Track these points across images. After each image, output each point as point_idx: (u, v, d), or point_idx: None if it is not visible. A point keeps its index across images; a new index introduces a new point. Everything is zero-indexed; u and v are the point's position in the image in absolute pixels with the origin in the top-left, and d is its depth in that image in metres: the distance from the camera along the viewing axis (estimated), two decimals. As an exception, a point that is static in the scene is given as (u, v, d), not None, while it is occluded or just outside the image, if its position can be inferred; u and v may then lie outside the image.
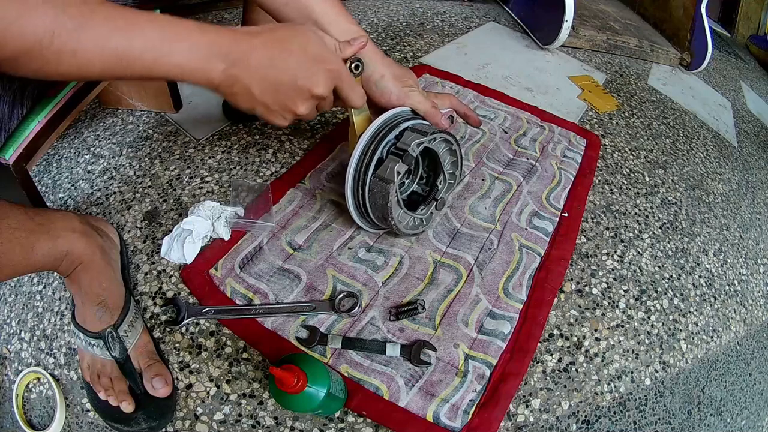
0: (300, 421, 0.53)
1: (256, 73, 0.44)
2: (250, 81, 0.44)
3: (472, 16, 1.46)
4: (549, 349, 0.63)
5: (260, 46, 0.44)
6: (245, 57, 0.43)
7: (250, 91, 0.45)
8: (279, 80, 0.45)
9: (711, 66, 1.55)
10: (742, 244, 0.92)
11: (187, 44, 0.40)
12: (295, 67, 0.46)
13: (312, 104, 0.49)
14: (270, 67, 0.44)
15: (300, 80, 0.46)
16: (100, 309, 0.53)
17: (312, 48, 0.47)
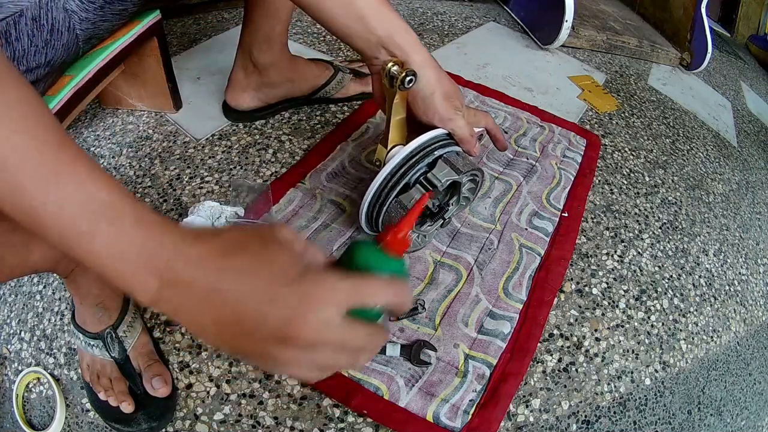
0: (300, 421, 0.53)
1: (204, 300, 0.28)
2: (196, 312, 0.29)
3: (472, 16, 1.46)
4: (549, 349, 0.63)
5: (208, 256, 0.29)
6: (187, 274, 0.28)
7: (201, 328, 0.29)
8: (239, 312, 0.28)
9: (711, 66, 1.55)
10: (742, 244, 0.92)
11: (115, 234, 0.27)
12: (262, 290, 0.29)
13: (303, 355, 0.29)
14: (222, 291, 0.28)
15: (272, 314, 0.28)
16: (99, 309, 0.53)
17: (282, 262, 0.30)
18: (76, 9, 0.53)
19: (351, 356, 0.32)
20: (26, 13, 0.48)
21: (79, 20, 0.54)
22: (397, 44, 0.53)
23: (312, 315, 0.28)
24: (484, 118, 0.64)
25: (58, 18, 0.51)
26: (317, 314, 0.28)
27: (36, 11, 0.49)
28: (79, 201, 0.26)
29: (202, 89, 0.94)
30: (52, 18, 0.51)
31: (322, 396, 0.55)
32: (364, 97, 0.95)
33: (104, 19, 0.58)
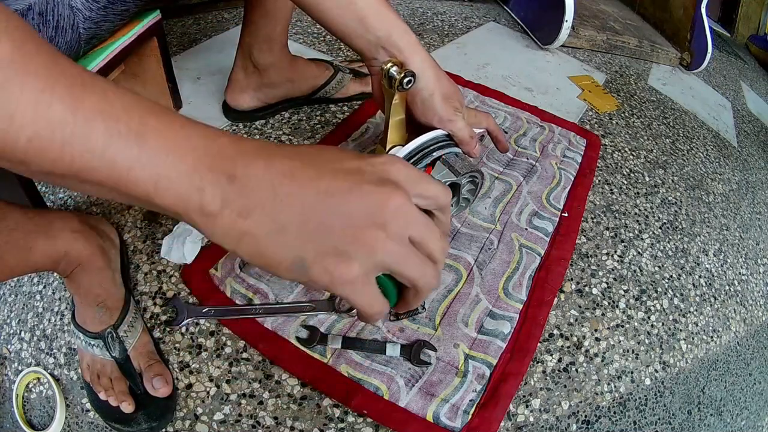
0: (300, 421, 0.53)
1: (283, 197, 0.27)
2: (274, 210, 0.27)
3: (472, 16, 1.46)
4: (549, 349, 0.63)
5: (277, 152, 0.29)
6: (259, 167, 0.27)
7: (277, 226, 0.27)
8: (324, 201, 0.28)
9: (711, 66, 1.55)
10: (742, 244, 0.92)
11: (165, 143, 0.26)
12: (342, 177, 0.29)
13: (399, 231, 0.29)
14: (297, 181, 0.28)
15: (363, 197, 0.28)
16: (100, 309, 0.53)
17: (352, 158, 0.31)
18: (81, 7, 0.53)
19: (440, 237, 0.32)
20: (34, 7, 0.48)
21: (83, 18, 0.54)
22: (396, 45, 0.53)
23: (398, 192, 0.29)
24: (485, 119, 0.64)
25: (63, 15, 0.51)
26: (401, 191, 0.29)
27: (43, 6, 0.49)
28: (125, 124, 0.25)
29: (202, 89, 0.94)
30: (58, 14, 0.51)
31: (322, 396, 0.55)
32: (364, 97, 0.95)
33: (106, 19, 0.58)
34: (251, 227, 0.27)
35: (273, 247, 0.28)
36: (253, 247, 0.28)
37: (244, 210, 0.27)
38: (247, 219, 0.27)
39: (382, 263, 0.29)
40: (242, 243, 0.28)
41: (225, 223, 0.27)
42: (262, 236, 0.27)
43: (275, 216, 0.27)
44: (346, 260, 0.28)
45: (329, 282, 0.28)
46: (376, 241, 0.28)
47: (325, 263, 0.28)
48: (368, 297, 0.30)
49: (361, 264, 0.28)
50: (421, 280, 0.31)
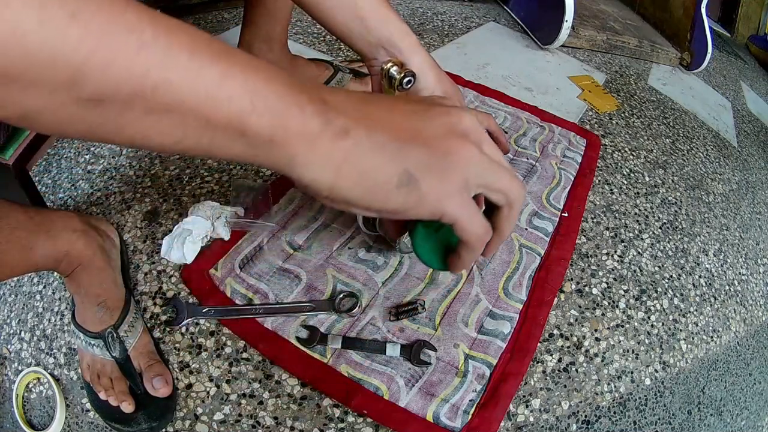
0: (300, 421, 0.53)
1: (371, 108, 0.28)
2: (366, 125, 0.27)
3: (472, 16, 1.46)
4: (549, 349, 0.63)
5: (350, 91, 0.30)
6: (341, 92, 0.28)
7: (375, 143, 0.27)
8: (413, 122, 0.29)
9: (711, 66, 1.55)
10: (742, 244, 0.92)
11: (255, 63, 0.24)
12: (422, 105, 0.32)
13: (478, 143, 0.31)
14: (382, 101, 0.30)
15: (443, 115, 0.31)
16: (101, 309, 0.53)
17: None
18: None
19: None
20: None
21: None
22: (396, 45, 0.53)
23: (466, 111, 0.31)
24: (486, 120, 0.64)
25: None
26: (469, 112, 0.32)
27: None
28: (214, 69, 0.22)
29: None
30: None
31: (322, 396, 0.55)
32: (364, 97, 0.95)
33: None
34: (351, 147, 0.26)
35: (377, 163, 0.27)
36: (357, 170, 0.26)
37: (342, 130, 0.26)
38: (346, 139, 0.26)
39: (476, 175, 0.30)
40: (344, 167, 0.26)
41: (325, 146, 0.25)
42: (364, 154, 0.26)
43: (371, 134, 0.26)
44: (448, 169, 0.28)
45: (437, 196, 0.28)
46: (464, 149, 0.29)
47: (431, 175, 0.28)
48: (471, 212, 0.31)
49: (459, 176, 0.29)
50: (513, 188, 0.32)
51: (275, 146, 0.24)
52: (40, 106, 0.20)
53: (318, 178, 0.26)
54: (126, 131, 0.22)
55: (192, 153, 0.25)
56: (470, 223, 0.30)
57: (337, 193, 0.27)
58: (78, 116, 0.21)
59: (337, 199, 0.28)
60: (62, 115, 0.21)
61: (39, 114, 0.21)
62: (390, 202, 0.28)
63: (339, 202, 0.28)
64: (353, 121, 0.26)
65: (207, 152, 0.24)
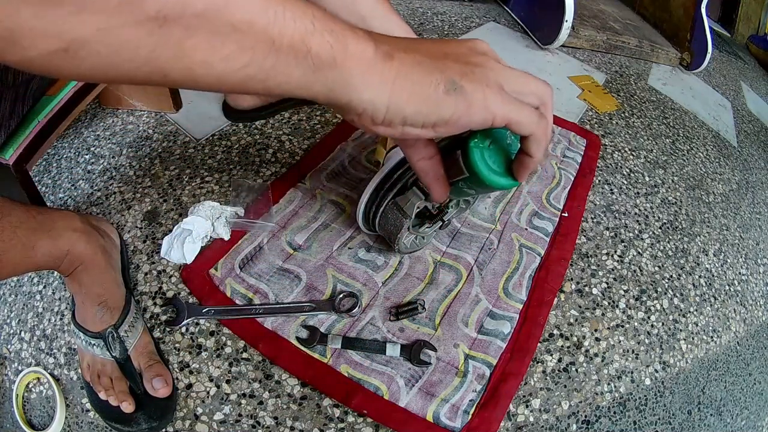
0: (300, 421, 0.53)
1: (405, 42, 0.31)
2: (405, 48, 0.30)
3: (472, 16, 1.46)
4: (549, 349, 0.63)
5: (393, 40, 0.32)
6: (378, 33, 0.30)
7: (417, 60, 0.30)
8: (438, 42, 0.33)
9: (711, 66, 1.55)
10: (742, 244, 0.92)
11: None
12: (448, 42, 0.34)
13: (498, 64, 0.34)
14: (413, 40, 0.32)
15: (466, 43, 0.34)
16: (101, 309, 0.53)
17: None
18: None
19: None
20: None
21: None
22: None
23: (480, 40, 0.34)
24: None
25: None
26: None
27: None
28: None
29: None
30: None
31: (322, 396, 0.55)
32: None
33: None
34: (399, 66, 0.29)
35: (423, 74, 0.29)
36: (408, 84, 0.29)
37: (388, 54, 0.28)
38: (393, 60, 0.28)
39: (506, 80, 0.32)
40: (397, 83, 0.29)
41: (378, 66, 0.28)
42: (412, 69, 0.29)
43: (412, 55, 0.29)
44: (483, 75, 0.31)
45: (483, 98, 0.30)
46: (489, 62, 0.32)
47: (472, 80, 0.30)
48: (520, 107, 0.32)
49: (495, 78, 0.31)
50: (539, 85, 0.33)
51: (335, 68, 0.26)
52: (92, 31, 0.18)
53: (375, 99, 0.28)
54: (187, 57, 0.21)
55: (251, 83, 0.25)
56: (524, 115, 0.32)
57: (394, 111, 0.29)
58: (133, 43, 0.19)
59: (395, 119, 0.30)
60: (114, 42, 0.19)
61: (86, 43, 0.19)
62: (443, 110, 0.30)
63: (396, 122, 0.30)
64: (394, 47, 0.29)
65: (267, 78, 0.25)
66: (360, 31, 0.28)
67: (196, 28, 0.20)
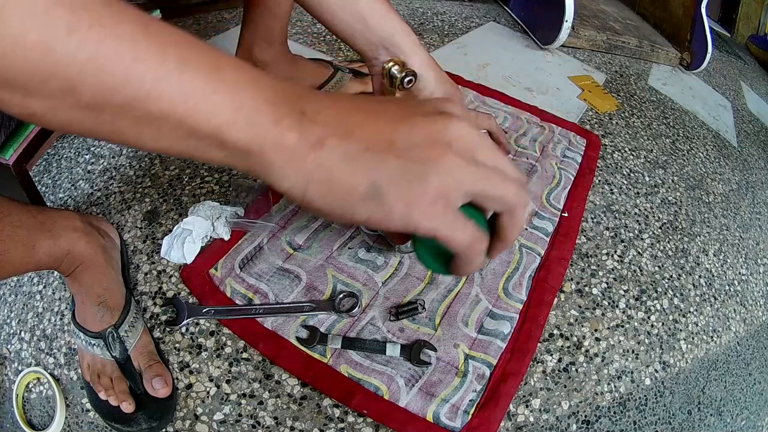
0: (300, 421, 0.53)
1: (352, 111, 0.28)
2: (342, 134, 0.27)
3: (472, 16, 1.46)
4: (549, 349, 0.63)
5: (339, 95, 0.30)
6: (326, 99, 0.28)
7: (348, 153, 0.27)
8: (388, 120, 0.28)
9: (711, 66, 1.55)
10: (742, 244, 0.92)
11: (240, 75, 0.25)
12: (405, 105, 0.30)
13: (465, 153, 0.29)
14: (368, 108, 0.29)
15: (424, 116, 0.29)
16: (101, 309, 0.53)
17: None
18: None
19: (509, 162, 0.31)
20: None
21: None
22: (398, 45, 0.53)
23: (458, 118, 0.29)
24: (486, 121, 0.64)
25: None
26: (460, 118, 0.29)
27: None
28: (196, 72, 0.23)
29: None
30: None
31: (322, 396, 0.55)
32: (364, 97, 0.95)
33: None
34: (324, 158, 0.26)
35: (346, 174, 0.27)
36: (325, 181, 0.27)
37: (317, 141, 0.26)
38: (320, 150, 0.26)
39: (460, 183, 0.28)
40: (314, 178, 0.27)
41: (299, 157, 0.26)
42: (335, 165, 0.26)
43: (346, 144, 0.27)
44: (420, 181, 0.27)
45: (406, 210, 0.27)
46: (445, 158, 0.27)
47: (400, 186, 0.27)
48: (453, 221, 0.28)
49: (438, 184, 0.27)
50: (509, 195, 0.29)
51: (252, 156, 0.26)
52: (44, 110, 0.22)
53: (292, 187, 0.27)
54: (121, 135, 0.24)
55: (181, 156, 0.26)
56: (452, 233, 0.28)
57: (309, 202, 0.28)
58: (78, 119, 0.23)
59: (311, 207, 0.28)
60: (63, 118, 0.23)
61: (43, 115, 0.23)
62: (357, 214, 0.27)
63: (312, 209, 0.28)
64: (330, 131, 0.26)
65: (191, 156, 0.26)
66: (289, 118, 0.25)
67: (123, 115, 0.23)
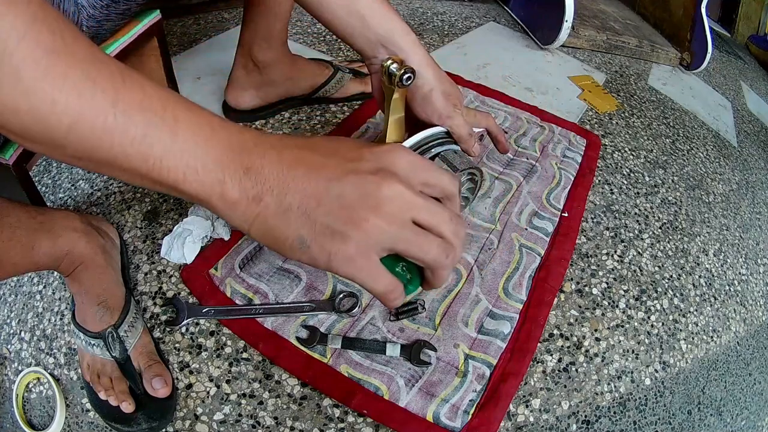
0: (300, 421, 0.53)
1: (291, 173, 0.30)
2: (280, 190, 0.30)
3: (472, 16, 1.46)
4: (549, 349, 0.63)
5: (288, 140, 0.32)
6: (272, 152, 0.31)
7: (282, 208, 0.30)
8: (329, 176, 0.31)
9: (711, 66, 1.55)
10: (742, 244, 0.92)
11: (194, 137, 0.29)
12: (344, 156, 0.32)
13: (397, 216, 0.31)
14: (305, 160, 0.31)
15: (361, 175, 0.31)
16: (101, 309, 0.53)
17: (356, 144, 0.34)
18: (86, 4, 0.53)
19: (449, 219, 0.33)
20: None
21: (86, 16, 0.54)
22: (397, 44, 0.53)
23: (392, 179, 0.31)
24: (485, 119, 0.64)
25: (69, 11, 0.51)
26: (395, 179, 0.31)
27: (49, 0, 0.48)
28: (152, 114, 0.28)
29: (202, 89, 0.94)
30: (63, 10, 0.50)
31: (322, 396, 0.55)
32: (364, 97, 0.95)
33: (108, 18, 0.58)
34: (262, 210, 0.31)
35: (279, 226, 0.31)
36: (263, 228, 0.31)
37: (257, 196, 0.30)
38: (260, 204, 0.30)
39: (380, 243, 0.31)
40: (254, 225, 0.31)
41: (241, 208, 0.30)
42: (270, 217, 0.31)
43: (282, 199, 0.30)
44: (342, 239, 0.31)
45: (327, 260, 0.31)
46: (367, 223, 0.31)
47: (323, 241, 0.31)
48: (369, 273, 0.32)
49: (357, 243, 0.31)
50: (427, 258, 0.33)
51: (203, 203, 0.30)
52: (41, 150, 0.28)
53: (238, 226, 0.32)
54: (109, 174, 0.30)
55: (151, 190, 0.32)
56: (368, 282, 0.32)
57: (253, 238, 0.33)
58: (69, 161, 0.28)
59: (255, 241, 0.33)
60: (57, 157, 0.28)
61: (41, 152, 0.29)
62: (289, 256, 0.32)
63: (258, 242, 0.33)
64: (267, 188, 0.30)
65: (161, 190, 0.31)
66: (235, 176, 0.30)
67: (101, 167, 0.28)
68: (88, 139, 0.26)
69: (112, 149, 0.27)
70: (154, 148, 0.27)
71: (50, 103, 0.24)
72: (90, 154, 0.27)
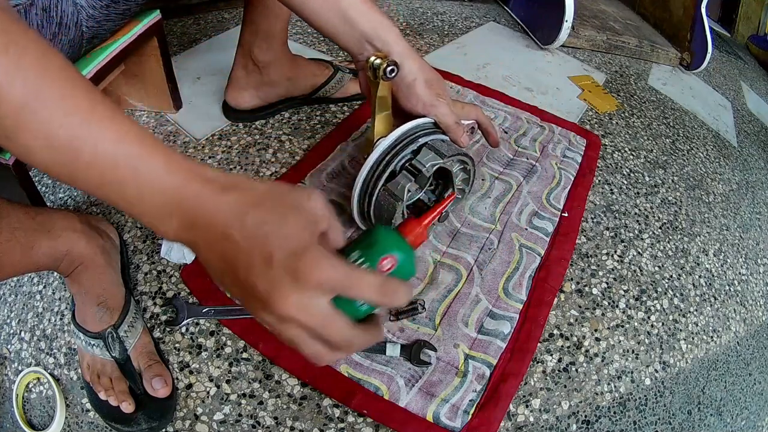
0: (300, 421, 0.53)
1: (215, 243, 0.31)
2: (207, 252, 0.31)
3: (472, 16, 1.46)
4: (549, 349, 0.63)
5: (226, 207, 0.30)
6: (204, 220, 0.30)
7: (208, 265, 0.32)
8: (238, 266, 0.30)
9: (711, 66, 1.55)
10: (742, 244, 0.92)
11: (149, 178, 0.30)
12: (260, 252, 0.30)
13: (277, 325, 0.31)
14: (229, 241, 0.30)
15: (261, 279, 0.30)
16: (101, 309, 0.53)
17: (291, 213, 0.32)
18: (85, 5, 0.53)
19: (325, 346, 0.32)
20: (37, 2, 0.48)
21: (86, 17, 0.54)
22: (380, 38, 0.55)
23: (295, 294, 0.29)
24: (474, 110, 0.65)
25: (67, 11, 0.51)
26: (301, 294, 0.29)
27: (47, 2, 0.49)
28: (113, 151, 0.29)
29: (202, 89, 0.94)
30: (62, 11, 0.50)
31: (322, 396, 0.55)
32: (364, 97, 0.95)
33: (108, 18, 0.58)
34: (195, 253, 0.33)
35: (213, 275, 0.33)
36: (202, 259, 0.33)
37: (193, 244, 0.32)
38: (193, 248, 0.32)
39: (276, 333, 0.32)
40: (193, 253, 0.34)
41: (180, 240, 0.33)
42: (202, 261, 0.33)
43: (206, 262, 0.32)
44: (255, 314, 0.32)
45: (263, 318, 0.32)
46: (267, 324, 0.32)
47: (250, 305, 0.32)
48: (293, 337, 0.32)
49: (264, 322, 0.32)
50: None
51: (152, 228, 0.32)
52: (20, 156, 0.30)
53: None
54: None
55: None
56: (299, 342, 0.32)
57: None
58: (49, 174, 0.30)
59: None
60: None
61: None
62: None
63: None
64: (198, 248, 0.32)
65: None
66: (176, 224, 0.31)
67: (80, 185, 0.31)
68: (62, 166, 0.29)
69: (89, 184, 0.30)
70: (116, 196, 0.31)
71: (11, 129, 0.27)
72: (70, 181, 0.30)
